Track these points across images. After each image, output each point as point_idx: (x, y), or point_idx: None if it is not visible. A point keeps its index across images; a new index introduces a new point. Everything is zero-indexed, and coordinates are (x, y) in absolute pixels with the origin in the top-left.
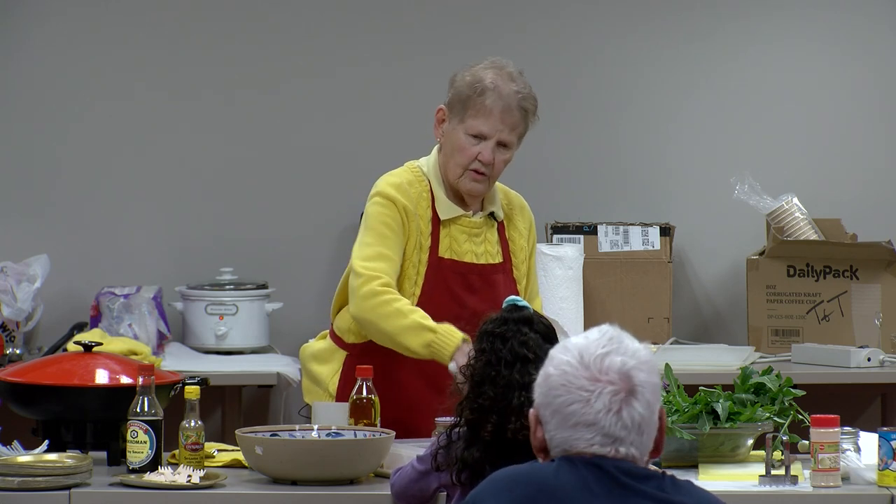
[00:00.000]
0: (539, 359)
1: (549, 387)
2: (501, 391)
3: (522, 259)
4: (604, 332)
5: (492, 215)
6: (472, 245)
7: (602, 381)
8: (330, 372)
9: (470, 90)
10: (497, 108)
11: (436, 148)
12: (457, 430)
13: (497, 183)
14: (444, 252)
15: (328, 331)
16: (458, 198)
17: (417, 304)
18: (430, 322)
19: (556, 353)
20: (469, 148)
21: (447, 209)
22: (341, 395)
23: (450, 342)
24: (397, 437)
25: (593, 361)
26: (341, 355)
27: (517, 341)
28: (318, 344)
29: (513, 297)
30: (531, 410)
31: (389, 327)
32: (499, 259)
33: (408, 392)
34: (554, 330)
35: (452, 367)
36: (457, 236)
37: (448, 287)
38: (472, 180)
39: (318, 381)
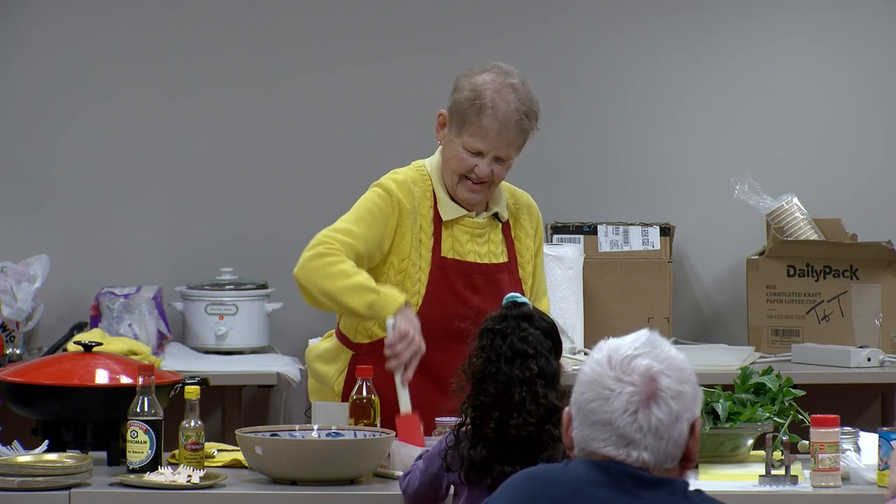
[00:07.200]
0: (540, 354)
1: (579, 383)
2: (502, 387)
3: (528, 259)
4: (639, 336)
5: (496, 216)
6: (475, 245)
7: (624, 381)
8: (335, 371)
9: (468, 105)
10: (494, 129)
11: (439, 149)
12: (463, 429)
13: (504, 182)
14: (447, 252)
15: (334, 330)
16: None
17: (422, 303)
18: (374, 284)
19: (592, 352)
20: (466, 159)
21: (450, 210)
22: (347, 395)
23: (392, 303)
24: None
25: (620, 362)
26: (347, 355)
27: (517, 337)
28: (324, 344)
29: (512, 293)
30: (566, 408)
31: (332, 287)
32: (503, 259)
33: (410, 392)
34: (556, 327)
35: (389, 322)
36: (459, 236)
37: (451, 286)
38: (469, 191)
39: (324, 380)
